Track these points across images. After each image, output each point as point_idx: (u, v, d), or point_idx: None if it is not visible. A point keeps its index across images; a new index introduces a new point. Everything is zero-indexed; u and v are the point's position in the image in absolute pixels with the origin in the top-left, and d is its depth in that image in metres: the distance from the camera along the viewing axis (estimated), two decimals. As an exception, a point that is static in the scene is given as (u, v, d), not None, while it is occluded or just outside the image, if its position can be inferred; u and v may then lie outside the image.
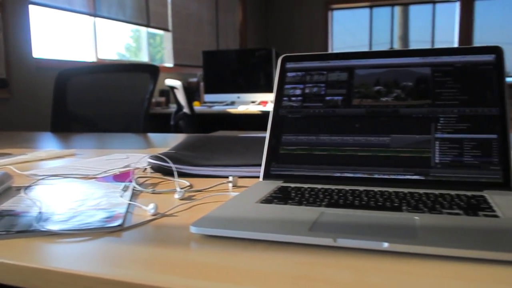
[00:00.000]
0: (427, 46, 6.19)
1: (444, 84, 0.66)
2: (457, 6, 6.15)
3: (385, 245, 0.41)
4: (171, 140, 1.35)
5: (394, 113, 0.67)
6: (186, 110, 2.99)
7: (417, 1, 6.40)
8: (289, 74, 0.75)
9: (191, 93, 4.11)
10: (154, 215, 0.56)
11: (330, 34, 6.79)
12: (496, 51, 0.66)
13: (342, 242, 0.42)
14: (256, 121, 3.29)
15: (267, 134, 0.71)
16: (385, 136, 0.66)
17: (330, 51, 6.23)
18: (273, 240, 0.45)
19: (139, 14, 4.14)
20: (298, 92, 0.73)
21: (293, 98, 0.73)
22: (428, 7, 6.40)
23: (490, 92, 0.64)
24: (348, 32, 6.81)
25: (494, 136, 0.62)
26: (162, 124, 3.81)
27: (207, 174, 0.77)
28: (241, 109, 3.28)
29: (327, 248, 0.43)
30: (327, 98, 0.71)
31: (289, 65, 0.75)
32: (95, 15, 3.58)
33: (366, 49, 6.54)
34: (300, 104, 0.72)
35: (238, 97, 3.76)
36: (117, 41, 4.05)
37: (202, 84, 4.08)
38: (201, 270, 0.39)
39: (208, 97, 3.85)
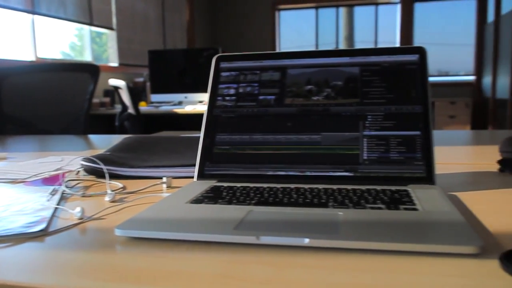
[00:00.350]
0: (371, 46, 6.38)
1: (372, 83, 0.68)
2: (398, 8, 6.38)
3: (306, 241, 0.42)
4: (113, 141, 1.31)
5: (325, 112, 0.68)
6: (131, 110, 2.93)
7: (361, 2, 6.58)
8: (223, 74, 0.75)
9: (138, 93, 4.03)
10: (80, 218, 0.54)
11: (278, 34, 6.86)
12: (420, 51, 0.69)
13: (265, 239, 0.43)
14: (204, 121, 3.26)
15: (201, 134, 0.71)
16: (316, 134, 0.67)
17: (278, 51, 6.31)
18: (198, 240, 0.45)
19: (81, 12, 4.01)
20: (232, 91, 0.73)
21: (227, 98, 0.73)
22: (371, 8, 6.59)
23: (414, 90, 0.67)
24: (296, 32, 6.91)
25: (418, 132, 0.64)
26: (107, 125, 3.71)
27: (141, 175, 0.76)
28: (188, 109, 3.25)
29: (251, 246, 0.43)
30: (260, 97, 0.71)
31: (223, 64, 0.75)
32: (33, 13, 3.44)
33: (313, 49, 6.66)
34: (234, 104, 0.72)
35: (186, 97, 3.73)
36: (61, 39, 3.91)
37: (148, 84, 4.01)
38: (124, 273, 0.39)
39: (155, 97, 3.79)
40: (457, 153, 0.97)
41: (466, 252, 0.40)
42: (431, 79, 6.33)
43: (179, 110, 3.25)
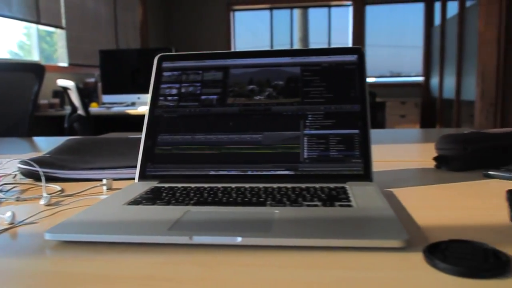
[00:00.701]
0: (324, 47, 6.48)
1: (312, 83, 0.70)
2: (350, 10, 6.52)
3: (239, 239, 0.42)
4: (58, 144, 1.27)
5: (266, 111, 0.69)
6: (80, 111, 2.85)
7: (314, 4, 6.68)
8: (165, 74, 0.74)
9: (89, 94, 3.93)
10: (11, 223, 0.52)
11: (233, 34, 6.86)
12: (358, 52, 0.71)
13: (198, 239, 0.43)
14: (157, 122, 3.21)
15: (142, 135, 0.70)
16: (258, 134, 0.67)
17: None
18: (132, 242, 0.44)
19: (27, 10, 3.86)
20: (174, 91, 0.72)
21: (169, 98, 0.72)
22: (324, 10, 6.70)
23: (353, 90, 0.69)
24: (251, 33, 6.93)
25: (356, 131, 0.66)
26: (56, 127, 3.60)
27: (82, 177, 0.74)
28: (141, 109, 3.19)
29: (185, 247, 0.43)
30: (203, 97, 0.71)
31: (165, 64, 0.75)
32: (-25, 10, 3.28)
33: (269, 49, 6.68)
34: (176, 104, 0.71)
35: (139, 98, 3.66)
36: (7, 38, 3.75)
37: (100, 84, 3.91)
38: (52, 278, 0.37)
39: (107, 98, 3.70)
40: (399, 151, 1.00)
41: (392, 246, 0.41)
42: (383, 80, 6.51)
43: (131, 111, 3.19)
